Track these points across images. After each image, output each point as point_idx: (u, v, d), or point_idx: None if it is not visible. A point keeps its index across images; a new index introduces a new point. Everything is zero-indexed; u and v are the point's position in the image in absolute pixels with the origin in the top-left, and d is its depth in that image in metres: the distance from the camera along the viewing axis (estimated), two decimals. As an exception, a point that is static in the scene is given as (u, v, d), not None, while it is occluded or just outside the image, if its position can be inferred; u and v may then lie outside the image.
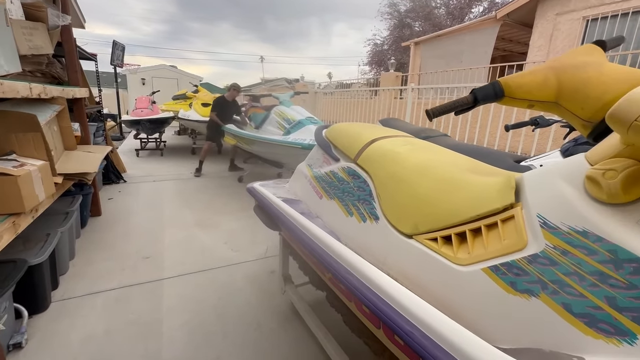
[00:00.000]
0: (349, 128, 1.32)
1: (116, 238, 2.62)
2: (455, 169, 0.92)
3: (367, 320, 0.86)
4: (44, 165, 1.62)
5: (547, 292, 0.57)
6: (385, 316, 0.66)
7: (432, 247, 0.79)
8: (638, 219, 0.51)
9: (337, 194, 1.19)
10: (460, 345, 0.53)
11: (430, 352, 0.55)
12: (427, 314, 0.60)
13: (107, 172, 4.14)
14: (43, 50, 2.13)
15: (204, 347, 1.52)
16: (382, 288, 0.71)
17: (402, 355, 0.75)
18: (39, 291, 1.69)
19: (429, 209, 0.84)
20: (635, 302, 0.49)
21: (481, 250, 0.70)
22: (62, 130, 2.18)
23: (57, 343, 1.51)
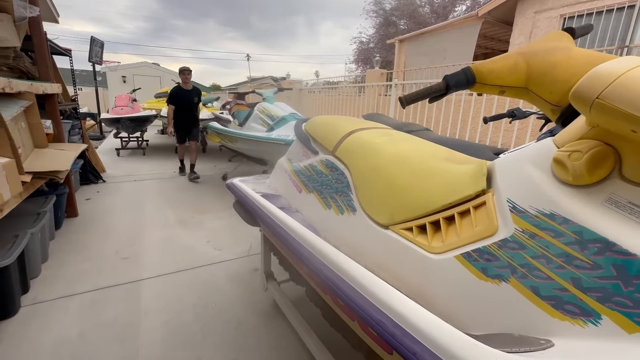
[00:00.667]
0: (328, 120, 1.30)
1: (93, 239, 2.53)
2: (431, 158, 0.91)
3: (343, 313, 0.85)
4: (8, 162, 1.54)
5: (517, 277, 0.57)
6: (357, 306, 0.65)
7: (407, 236, 0.79)
8: (602, 200, 0.51)
9: (315, 187, 1.18)
10: (430, 333, 0.52)
11: (399, 340, 0.54)
12: (397, 303, 0.59)
13: (85, 172, 4.00)
14: (9, 42, 2.02)
15: (183, 347, 1.48)
16: (353, 278, 0.69)
17: (376, 347, 0.75)
18: (6, 296, 1.60)
19: (404, 199, 0.84)
20: (599, 282, 0.49)
21: (454, 237, 0.70)
22: (30, 127, 2.08)
23: (26, 349, 1.44)
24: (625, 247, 0.47)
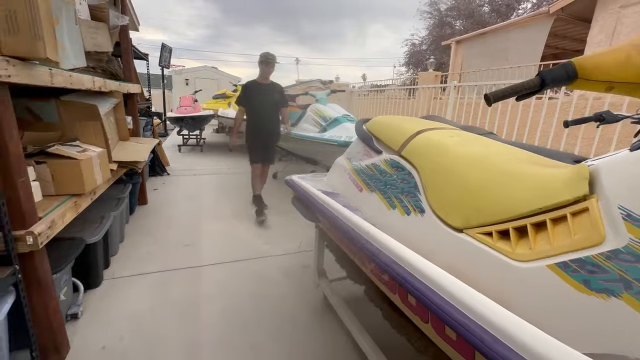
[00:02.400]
0: (393, 120, 1.30)
1: (160, 225, 2.78)
2: (513, 160, 0.86)
3: (413, 314, 0.82)
4: (102, 152, 1.75)
5: (632, 292, 0.51)
6: (437, 307, 0.62)
7: (485, 241, 0.74)
8: None
9: (378, 187, 1.17)
10: (531, 344, 0.48)
11: (490, 346, 0.51)
12: (487, 307, 0.56)
13: (153, 165, 4.41)
14: (104, 48, 2.31)
15: (240, 332, 1.55)
16: (433, 279, 0.67)
17: (451, 351, 0.71)
18: (93, 268, 1.83)
19: (482, 202, 0.80)
20: None
21: (546, 245, 0.64)
22: (117, 122, 2.36)
23: (108, 317, 1.62)
24: None
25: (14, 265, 1.11)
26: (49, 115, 1.73)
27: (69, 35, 1.73)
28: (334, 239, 1.37)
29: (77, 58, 1.81)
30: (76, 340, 1.46)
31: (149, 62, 4.75)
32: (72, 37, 1.75)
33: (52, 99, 1.73)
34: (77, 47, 1.82)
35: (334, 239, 1.35)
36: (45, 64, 1.31)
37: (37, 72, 1.23)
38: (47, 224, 1.23)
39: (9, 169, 1.09)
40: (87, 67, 2.12)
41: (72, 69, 1.68)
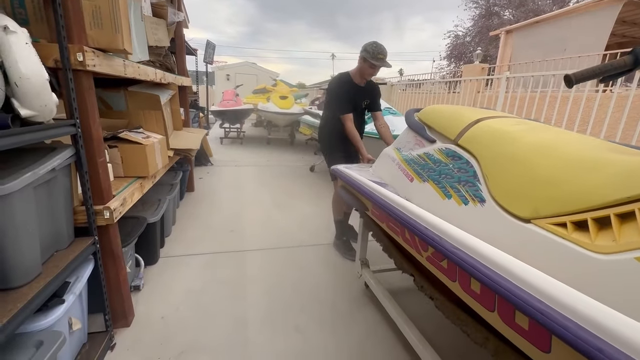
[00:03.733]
0: (447, 109, 1.27)
1: (206, 211, 2.94)
2: (588, 148, 0.81)
3: (477, 302, 0.78)
4: (162, 139, 1.89)
5: None
6: (508, 292, 0.60)
7: (559, 233, 0.70)
8: None
9: (432, 177, 1.14)
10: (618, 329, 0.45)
11: (574, 333, 0.49)
12: (566, 293, 0.53)
13: (198, 156, 4.67)
14: (163, 42, 2.47)
15: (283, 314, 1.61)
16: (502, 264, 0.64)
17: (521, 341, 0.67)
18: (152, 246, 1.99)
19: (554, 191, 0.75)
20: None
21: (634, 237, 0.60)
22: (173, 112, 2.52)
23: (165, 291, 1.76)
24: None
25: (93, 236, 1.24)
26: (119, 104, 1.90)
27: (136, 30, 1.87)
28: (383, 227, 1.37)
29: (142, 52, 1.95)
30: (139, 309, 1.60)
31: (197, 57, 4.98)
32: (138, 32, 1.90)
33: (121, 89, 1.89)
34: (142, 42, 1.97)
35: (384, 227, 1.35)
36: (119, 56, 1.44)
37: (115, 63, 1.35)
38: (120, 202, 1.36)
39: (92, 149, 1.22)
40: (148, 61, 2.29)
41: (138, 62, 1.83)
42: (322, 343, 1.44)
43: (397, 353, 1.40)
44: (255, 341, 1.44)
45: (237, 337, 1.46)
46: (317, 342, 1.45)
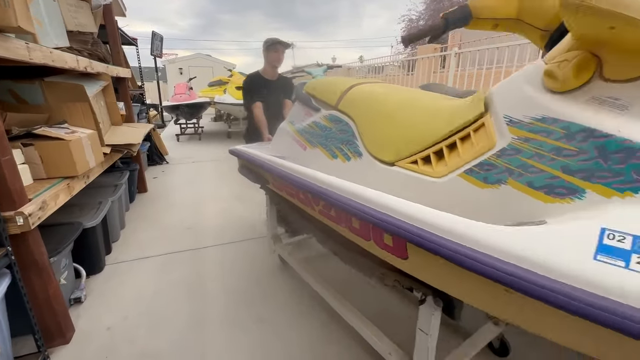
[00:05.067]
0: (327, 80, 1.38)
1: (161, 211, 2.75)
2: (433, 100, 0.99)
3: (359, 237, 0.91)
4: (92, 133, 1.70)
5: (514, 177, 0.66)
6: (375, 219, 0.73)
7: (413, 168, 0.88)
8: (586, 99, 0.60)
9: (320, 142, 1.27)
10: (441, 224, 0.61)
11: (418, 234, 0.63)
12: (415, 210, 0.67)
13: (151, 154, 4.36)
14: (88, 28, 2.22)
15: (245, 309, 1.53)
16: (369, 199, 0.77)
17: (390, 257, 0.81)
18: (94, 253, 1.80)
19: (408, 137, 0.93)
20: (584, 164, 0.57)
21: (456, 160, 0.79)
22: (108, 105, 2.29)
23: (112, 299, 1.60)
24: (605, 130, 0.56)
25: (5, 246, 1.07)
26: (34, 97, 1.66)
27: (48, 12, 1.64)
28: (284, 195, 1.40)
29: (59, 37, 1.73)
30: (81, 323, 1.44)
31: (139, 47, 4.60)
32: (50, 13, 1.67)
33: (36, 80, 1.66)
34: (58, 25, 1.74)
35: (285, 195, 1.38)
36: (21, 38, 1.24)
37: (12, 44, 1.16)
38: (38, 205, 1.19)
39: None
40: (71, 49, 2.03)
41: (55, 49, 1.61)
42: (287, 330, 1.39)
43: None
44: (215, 340, 1.35)
45: (195, 338, 1.36)
46: (281, 329, 1.39)
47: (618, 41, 0.56)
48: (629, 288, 0.40)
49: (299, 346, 1.31)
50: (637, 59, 0.55)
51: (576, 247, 0.47)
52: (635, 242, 0.44)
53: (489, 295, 0.58)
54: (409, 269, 0.78)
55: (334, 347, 1.31)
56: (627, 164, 0.52)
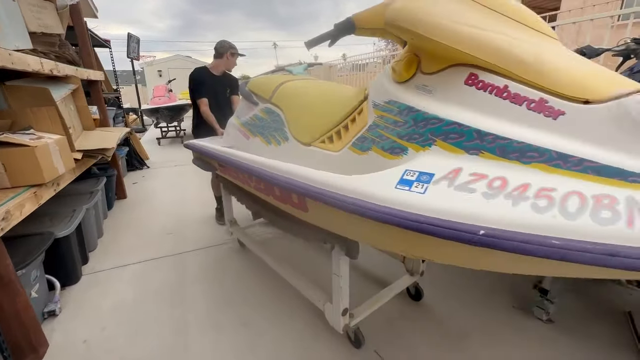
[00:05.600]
0: (265, 77, 1.60)
1: (141, 217, 2.67)
2: (338, 91, 1.23)
3: (280, 202, 1.17)
4: (61, 139, 1.62)
5: (375, 145, 0.90)
6: (289, 184, 0.94)
7: (321, 146, 1.12)
8: (413, 87, 0.84)
9: (258, 131, 1.48)
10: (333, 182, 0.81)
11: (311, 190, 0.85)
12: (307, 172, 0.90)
13: (131, 159, 4.24)
14: (53, 29, 2.12)
15: (227, 311, 1.50)
16: (279, 168, 1.01)
17: (297, 212, 1.10)
18: (68, 264, 1.73)
19: (319, 121, 1.16)
20: (407, 130, 0.81)
21: (347, 137, 1.03)
22: (79, 109, 2.19)
23: (89, 311, 1.54)
24: (417, 107, 0.80)
25: (-35, 261, 1.01)
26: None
27: (6, 12, 1.56)
28: (228, 178, 1.66)
29: (19, 38, 1.64)
30: (55, 336, 1.38)
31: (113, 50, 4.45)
32: (10, 14, 1.59)
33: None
34: (18, 26, 1.66)
35: (229, 177, 1.63)
36: (-26, 39, 1.17)
37: (-37, 46, 1.09)
38: (1, 216, 1.13)
39: (-58, 155, 0.97)
40: (36, 52, 1.94)
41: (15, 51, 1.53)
42: (269, 329, 1.36)
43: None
44: (197, 344, 1.31)
45: (176, 344, 1.32)
46: (264, 329, 1.37)
47: (421, 47, 0.81)
48: (409, 202, 0.65)
49: (283, 344, 1.29)
50: (434, 58, 0.79)
51: (389, 181, 0.72)
52: (418, 176, 0.69)
53: (345, 221, 0.86)
54: (310, 219, 1.07)
55: (319, 345, 1.29)
56: (426, 129, 0.77)
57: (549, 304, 1.34)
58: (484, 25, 0.71)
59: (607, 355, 1.21)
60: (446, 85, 0.77)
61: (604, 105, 0.57)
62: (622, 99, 0.55)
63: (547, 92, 0.63)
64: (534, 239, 0.50)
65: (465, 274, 1.74)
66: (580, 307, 1.47)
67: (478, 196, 0.59)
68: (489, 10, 0.73)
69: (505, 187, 0.58)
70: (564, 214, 0.50)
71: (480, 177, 0.62)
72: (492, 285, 1.64)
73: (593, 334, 1.31)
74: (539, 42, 0.70)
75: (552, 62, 0.64)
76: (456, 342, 1.29)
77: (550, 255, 0.48)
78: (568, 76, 0.62)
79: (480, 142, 0.67)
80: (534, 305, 1.38)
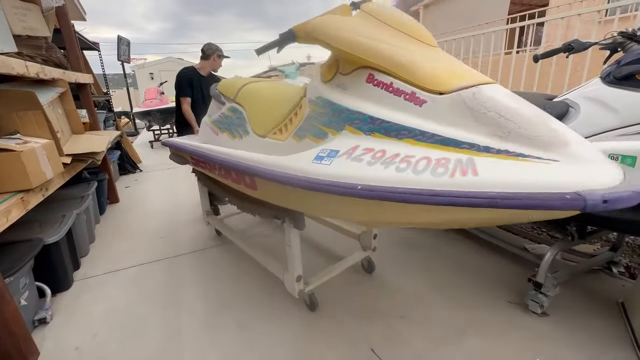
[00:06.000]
0: (231, 80, 1.77)
1: (134, 222, 2.64)
2: (286, 89, 1.45)
3: (236, 183, 1.40)
4: (48, 143, 1.59)
5: (308, 132, 1.09)
6: (242, 168, 1.17)
7: (273, 137, 1.30)
8: (334, 85, 1.03)
9: (226, 127, 1.65)
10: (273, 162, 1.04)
11: (261, 171, 1.06)
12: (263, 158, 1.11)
13: (123, 163, 4.19)
14: (39, 32, 2.08)
15: (222, 310, 1.48)
16: (237, 155, 1.25)
17: (250, 191, 1.35)
18: (59, 270, 1.70)
19: (272, 117, 1.34)
20: (327, 119, 1.02)
21: (291, 128, 1.21)
22: (67, 113, 2.16)
23: (81, 317, 1.52)
24: (334, 101, 1.00)
25: (-51, 269, 0.98)
26: (-21, 108, 1.54)
27: (-12, 15, 1.53)
28: (198, 169, 1.89)
29: (3, 41, 1.61)
30: (46, 344, 1.35)
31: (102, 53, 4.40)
32: (-8, 17, 1.55)
33: (-21, 89, 1.54)
34: (1, 29, 1.62)
35: (199, 169, 1.84)
36: (-46, 42, 1.14)
37: (-57, 49, 1.06)
38: (-14, 222, 1.10)
39: None
40: (22, 55, 1.90)
41: None
42: (265, 330, 1.35)
43: (343, 327, 1.38)
44: (191, 348, 1.30)
45: (170, 348, 1.30)
46: (261, 331, 1.35)
47: (336, 53, 1.01)
48: (319, 172, 0.86)
49: (279, 345, 1.28)
50: (347, 62, 0.99)
51: (308, 158, 0.94)
52: (328, 153, 0.91)
53: (283, 193, 1.10)
54: (260, 196, 1.31)
55: (319, 346, 1.28)
56: (340, 117, 0.97)
57: (543, 297, 1.35)
58: (377, 37, 0.92)
59: (602, 346, 1.22)
60: (354, 83, 0.97)
61: (449, 96, 0.77)
62: (461, 91, 0.76)
63: (416, 86, 0.83)
64: (389, 189, 0.71)
65: (460, 268, 1.75)
66: (574, 300, 1.48)
67: (364, 164, 0.81)
68: (382, 24, 0.97)
69: (383, 156, 0.80)
70: (415, 171, 0.71)
71: (369, 150, 0.84)
72: (486, 280, 1.65)
73: (588, 325, 1.32)
74: (415, 49, 0.91)
75: (421, 64, 0.84)
76: (452, 337, 1.29)
77: (396, 199, 0.69)
78: (431, 75, 0.82)
79: (372, 125, 0.89)
80: (529, 299, 1.39)
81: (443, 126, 0.77)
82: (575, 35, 2.48)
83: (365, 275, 1.76)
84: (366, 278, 1.73)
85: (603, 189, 0.54)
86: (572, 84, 2.65)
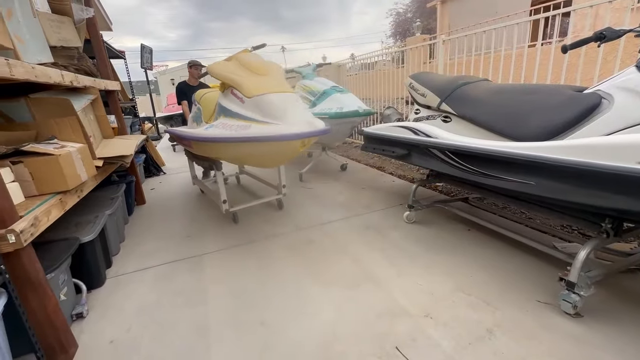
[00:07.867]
0: (203, 90, 2.88)
1: (160, 222, 2.73)
2: (215, 97, 2.45)
3: (204, 153, 2.24)
4: (83, 147, 1.68)
5: (212, 118, 2.32)
6: (184, 137, 2.17)
7: (207, 123, 2.09)
8: (222, 95, 2.12)
9: (194, 119, 2.78)
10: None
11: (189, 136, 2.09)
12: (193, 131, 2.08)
13: (148, 166, 4.35)
14: (72, 43, 2.20)
15: (248, 310, 1.51)
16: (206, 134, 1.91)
17: (194, 150, 2.33)
18: (93, 268, 1.79)
19: (208, 112, 2.48)
20: (218, 111, 2.15)
21: (212, 117, 2.31)
22: (98, 119, 2.27)
23: (115, 312, 1.59)
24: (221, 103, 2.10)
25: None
26: (22, 115, 1.65)
27: (29, 29, 1.63)
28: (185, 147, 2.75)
29: (41, 52, 1.72)
30: (84, 338, 1.43)
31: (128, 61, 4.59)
32: (32, 30, 1.66)
33: (21, 97, 1.64)
34: (40, 41, 1.73)
35: (183, 145, 2.73)
36: (1, 54, 1.23)
37: (-9, 61, 1.14)
38: (30, 222, 1.18)
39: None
40: (57, 65, 2.02)
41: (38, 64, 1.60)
42: (287, 328, 1.37)
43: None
44: (220, 343, 1.33)
45: (198, 345, 1.34)
46: (281, 329, 1.37)
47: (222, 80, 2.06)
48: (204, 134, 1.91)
49: (302, 344, 1.30)
50: (225, 84, 2.07)
51: (205, 128, 2.02)
52: (209, 125, 2.06)
53: (201, 148, 2.09)
54: (195, 151, 2.36)
55: (338, 347, 1.29)
56: (221, 110, 2.05)
57: (577, 297, 1.29)
58: (235, 72, 1.98)
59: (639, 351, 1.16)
60: (227, 94, 1.97)
61: (252, 99, 1.80)
62: (256, 97, 1.79)
63: (244, 95, 1.83)
64: (222, 138, 1.77)
65: (485, 267, 1.70)
66: (609, 301, 1.41)
67: (219, 129, 1.84)
68: (240, 65, 2.03)
69: (224, 125, 1.84)
70: (231, 130, 1.76)
71: (224, 124, 1.86)
72: (513, 279, 1.60)
73: (624, 328, 1.26)
74: (248, 77, 1.92)
75: (246, 84, 1.85)
76: (481, 337, 1.26)
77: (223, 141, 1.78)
78: (247, 89, 1.83)
79: (228, 112, 1.91)
80: (561, 299, 1.34)
81: (247, 112, 1.79)
82: (606, 24, 2.36)
83: (278, 211, 2.75)
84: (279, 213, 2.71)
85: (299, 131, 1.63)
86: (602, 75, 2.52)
